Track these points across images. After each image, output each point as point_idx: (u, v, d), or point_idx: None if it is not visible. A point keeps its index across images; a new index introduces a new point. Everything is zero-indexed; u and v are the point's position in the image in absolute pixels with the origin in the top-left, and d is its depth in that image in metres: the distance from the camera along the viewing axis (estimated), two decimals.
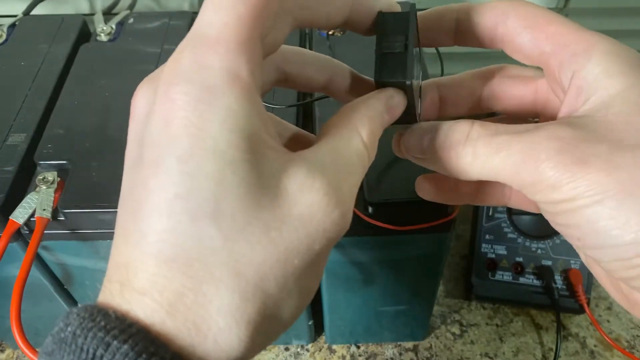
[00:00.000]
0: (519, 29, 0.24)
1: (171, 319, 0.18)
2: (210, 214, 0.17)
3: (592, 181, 0.19)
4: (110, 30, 0.49)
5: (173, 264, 0.18)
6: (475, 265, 0.55)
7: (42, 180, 0.37)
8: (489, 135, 0.22)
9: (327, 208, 0.19)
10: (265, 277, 0.18)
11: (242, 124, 0.18)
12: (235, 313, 0.18)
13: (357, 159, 0.21)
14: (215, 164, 0.17)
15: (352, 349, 0.54)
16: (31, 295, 0.37)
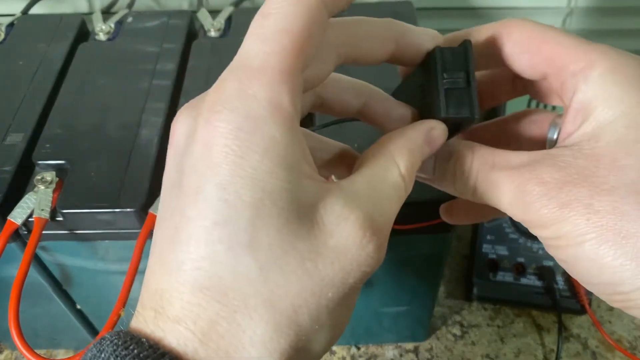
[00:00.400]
0: (515, 55, 0.24)
1: (204, 347, 0.18)
2: (247, 243, 0.18)
3: (574, 225, 0.20)
4: (109, 30, 0.49)
5: (208, 292, 0.18)
6: (476, 265, 0.55)
7: (41, 180, 0.37)
8: (487, 170, 0.23)
9: (362, 241, 0.19)
10: (300, 310, 0.18)
11: (283, 154, 0.18)
12: (268, 344, 0.18)
13: (394, 191, 0.21)
14: (254, 193, 0.17)
15: (353, 350, 0.54)
16: (29, 296, 0.37)
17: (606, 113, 0.21)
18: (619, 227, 0.20)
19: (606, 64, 0.22)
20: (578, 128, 0.22)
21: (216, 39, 0.48)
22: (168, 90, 0.43)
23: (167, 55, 0.46)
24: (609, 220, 0.20)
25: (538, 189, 0.21)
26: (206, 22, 0.49)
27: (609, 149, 0.21)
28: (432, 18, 0.61)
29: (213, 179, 0.18)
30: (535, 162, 0.22)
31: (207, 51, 0.46)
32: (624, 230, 0.19)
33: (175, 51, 0.46)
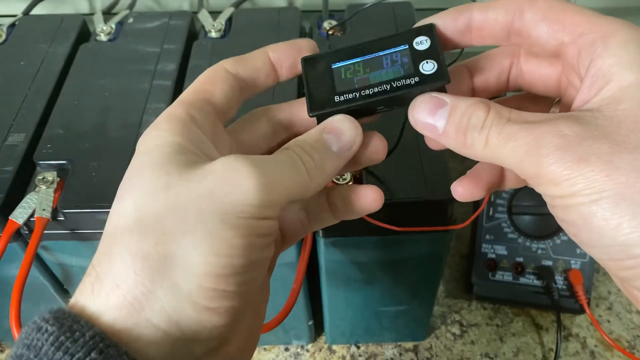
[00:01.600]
0: (535, 21, 0.24)
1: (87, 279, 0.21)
2: (128, 190, 0.22)
3: (590, 180, 0.20)
4: (110, 30, 0.49)
5: (102, 239, 0.22)
6: (476, 265, 0.55)
7: (42, 180, 0.37)
8: (502, 123, 0.23)
9: (228, 160, 0.22)
10: (162, 217, 0.21)
11: (166, 135, 0.23)
12: (132, 249, 0.21)
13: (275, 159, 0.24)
14: (138, 159, 0.23)
15: (352, 349, 0.54)
16: (31, 296, 0.37)
17: (628, 77, 0.21)
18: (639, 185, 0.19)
19: (626, 33, 0.22)
20: (597, 94, 0.22)
21: (217, 39, 0.48)
22: (169, 90, 0.43)
23: (168, 56, 0.46)
24: (629, 178, 0.19)
25: (556, 140, 0.21)
26: (207, 23, 0.49)
27: (631, 111, 0.20)
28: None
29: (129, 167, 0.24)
30: (555, 118, 0.22)
31: (208, 52, 0.46)
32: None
33: (175, 52, 0.47)
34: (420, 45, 0.26)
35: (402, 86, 0.26)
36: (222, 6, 0.53)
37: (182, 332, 0.21)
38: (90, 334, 0.19)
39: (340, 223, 0.38)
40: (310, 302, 0.48)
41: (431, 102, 0.25)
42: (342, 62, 0.27)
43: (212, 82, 0.26)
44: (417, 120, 0.25)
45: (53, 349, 0.19)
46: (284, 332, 0.52)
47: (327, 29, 0.48)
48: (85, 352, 0.19)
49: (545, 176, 0.21)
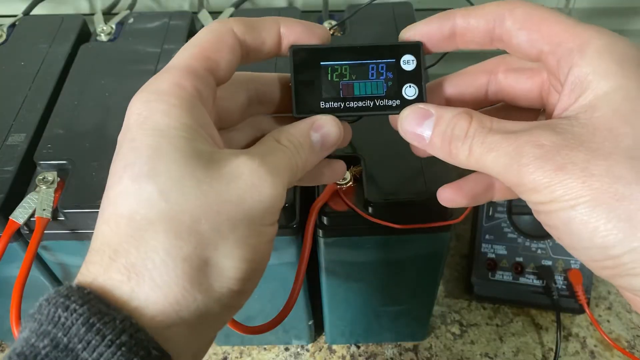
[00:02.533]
0: (515, 30, 0.25)
1: (113, 265, 0.20)
2: (147, 172, 0.21)
3: (568, 187, 0.21)
4: (110, 30, 0.49)
5: (121, 220, 0.21)
6: (476, 265, 0.55)
7: (42, 180, 0.37)
8: (484, 133, 0.24)
9: (253, 165, 0.23)
10: (199, 220, 0.21)
11: (180, 115, 0.22)
12: (170, 250, 0.21)
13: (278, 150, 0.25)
14: (154, 139, 0.22)
15: (352, 349, 0.54)
16: (31, 295, 0.37)
17: (603, 85, 0.22)
18: (614, 190, 0.20)
19: (602, 41, 0.22)
20: (575, 101, 0.23)
21: None
22: None
23: (168, 56, 0.46)
24: (603, 184, 0.20)
25: (535, 150, 0.22)
26: (207, 23, 0.49)
27: (606, 118, 0.21)
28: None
29: (126, 137, 0.22)
30: (533, 128, 0.23)
31: None
32: (619, 193, 0.20)
33: (176, 52, 0.46)
34: (407, 65, 0.27)
35: (384, 106, 0.28)
36: (222, 6, 0.53)
37: (205, 326, 0.22)
38: (120, 317, 0.19)
39: (340, 223, 0.38)
40: (310, 302, 0.48)
41: (418, 113, 0.26)
42: (330, 61, 0.28)
43: (219, 49, 0.25)
44: (406, 130, 0.27)
45: (84, 330, 0.19)
46: (284, 332, 0.52)
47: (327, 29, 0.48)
48: (116, 334, 0.19)
49: (526, 184, 0.22)
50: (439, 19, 0.26)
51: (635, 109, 0.21)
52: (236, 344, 0.54)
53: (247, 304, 0.25)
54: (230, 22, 0.26)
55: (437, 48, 0.27)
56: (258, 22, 0.27)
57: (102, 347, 0.19)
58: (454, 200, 0.29)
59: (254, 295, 0.40)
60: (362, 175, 0.38)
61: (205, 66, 0.25)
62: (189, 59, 0.24)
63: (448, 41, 0.27)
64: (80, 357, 0.19)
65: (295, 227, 0.38)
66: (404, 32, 0.28)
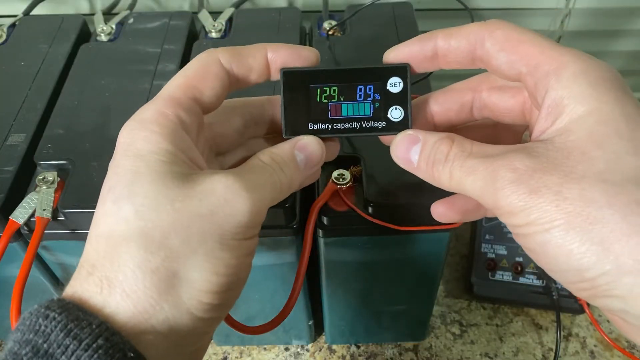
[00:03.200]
0: (494, 52, 0.25)
1: (90, 278, 0.22)
2: (126, 195, 0.23)
3: (542, 210, 0.21)
4: (110, 30, 0.49)
5: (100, 239, 0.23)
6: (475, 265, 0.55)
7: (42, 180, 0.37)
8: (464, 157, 0.24)
9: (227, 181, 0.24)
10: (168, 235, 0.22)
11: (158, 140, 0.24)
12: (141, 263, 0.22)
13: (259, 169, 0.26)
14: (133, 162, 0.23)
15: (352, 349, 0.54)
16: (31, 295, 0.37)
17: (578, 109, 0.22)
18: (586, 213, 0.20)
19: (577, 65, 0.23)
20: (551, 125, 0.23)
21: (217, 39, 0.48)
22: None
23: (168, 56, 0.46)
24: (576, 207, 0.20)
25: (509, 175, 0.22)
26: (207, 23, 0.49)
27: (579, 142, 0.22)
28: (431, 19, 0.61)
29: (112, 163, 0.24)
30: (509, 152, 0.23)
31: None
32: (591, 216, 0.20)
33: (176, 52, 0.47)
34: (394, 87, 0.28)
35: (369, 128, 0.28)
36: (222, 6, 0.53)
37: (178, 336, 0.23)
38: (96, 322, 0.21)
39: (340, 223, 0.38)
40: (310, 302, 0.48)
41: (408, 140, 0.27)
42: (319, 83, 0.28)
43: (203, 78, 0.26)
44: (397, 156, 0.28)
45: (62, 335, 0.20)
46: (284, 332, 0.52)
47: (327, 29, 0.48)
48: (92, 338, 0.20)
49: (502, 207, 0.22)
50: (421, 41, 0.27)
51: (608, 133, 0.21)
52: (236, 344, 0.54)
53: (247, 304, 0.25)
54: (216, 52, 0.27)
55: (420, 69, 0.28)
56: (244, 50, 0.28)
57: (80, 351, 0.20)
58: (447, 216, 0.30)
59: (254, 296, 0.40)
60: (362, 175, 0.38)
61: (189, 95, 0.26)
62: (174, 88, 0.26)
63: (430, 62, 0.27)
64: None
65: (295, 227, 0.38)
66: (387, 53, 0.28)
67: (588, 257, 0.20)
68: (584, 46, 0.67)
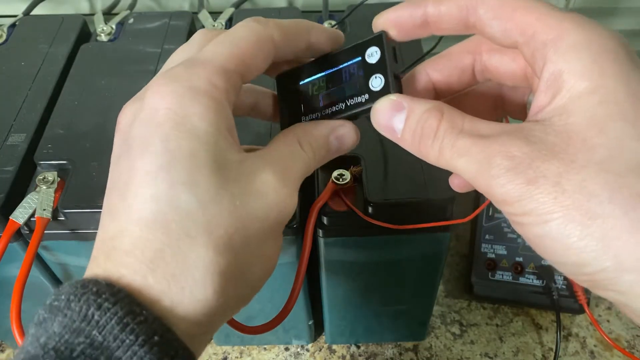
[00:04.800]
0: (488, 19, 0.23)
1: (152, 274, 0.21)
2: (186, 181, 0.21)
3: (539, 202, 0.20)
4: (111, 31, 0.49)
5: (153, 226, 0.21)
6: (475, 265, 0.55)
7: (42, 180, 0.37)
8: (454, 135, 0.23)
9: (277, 186, 0.24)
10: (233, 237, 0.22)
11: (215, 119, 0.22)
12: (209, 265, 0.21)
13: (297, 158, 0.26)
14: (192, 144, 0.22)
15: (352, 349, 0.54)
16: (31, 295, 0.37)
17: (579, 86, 0.20)
18: (586, 207, 0.19)
19: (579, 35, 0.21)
20: (550, 102, 0.21)
21: None
22: None
23: (168, 56, 0.46)
24: (575, 200, 0.19)
25: (505, 162, 0.21)
26: (207, 23, 0.49)
27: (580, 126, 0.20)
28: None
29: (158, 134, 0.22)
30: (505, 134, 0.21)
31: None
32: (591, 211, 0.19)
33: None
34: (371, 57, 0.27)
35: (354, 104, 0.27)
36: (222, 6, 0.53)
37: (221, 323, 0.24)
38: (151, 318, 0.20)
39: (340, 223, 0.38)
40: (310, 302, 0.48)
41: (390, 105, 0.25)
42: (308, 78, 0.29)
43: (256, 56, 0.25)
44: (378, 123, 0.26)
45: (118, 329, 0.19)
46: (284, 332, 0.52)
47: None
48: (149, 334, 0.20)
49: (497, 195, 0.21)
50: (411, 6, 0.25)
51: (611, 115, 0.20)
52: (236, 344, 0.54)
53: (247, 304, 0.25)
54: (270, 27, 0.26)
55: (410, 35, 0.26)
56: (292, 30, 0.27)
57: (136, 347, 0.19)
58: (465, 186, 0.29)
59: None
60: (362, 175, 0.38)
61: (239, 70, 0.24)
62: (226, 58, 0.24)
63: (420, 29, 0.26)
64: (114, 355, 0.19)
65: (295, 227, 0.38)
66: (376, 19, 0.27)
67: (587, 252, 0.20)
68: None
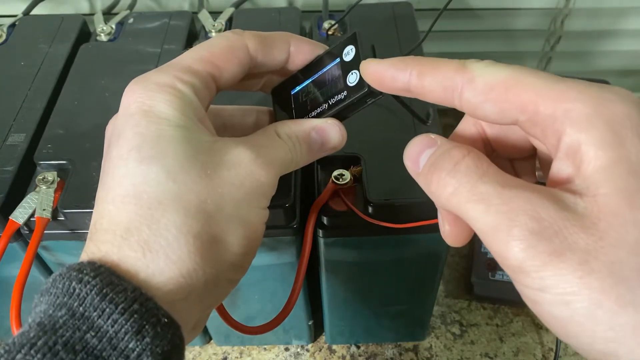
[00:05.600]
0: (478, 103, 0.21)
1: (126, 242, 0.22)
2: (154, 155, 0.22)
3: (562, 279, 0.18)
4: (110, 30, 0.49)
5: (126, 199, 0.22)
6: (475, 265, 0.55)
7: (42, 180, 0.37)
8: (476, 177, 0.21)
9: (252, 155, 0.25)
10: (205, 201, 0.23)
11: (182, 105, 0.24)
12: (182, 227, 0.22)
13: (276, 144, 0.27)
14: (159, 125, 0.23)
15: (352, 349, 0.54)
16: (31, 296, 0.36)
17: (601, 157, 0.19)
18: (616, 293, 0.17)
19: (588, 104, 0.19)
20: (577, 172, 0.20)
21: None
22: None
23: (168, 56, 0.46)
24: (604, 284, 0.17)
25: (531, 224, 0.18)
26: (207, 23, 0.49)
27: (610, 199, 0.18)
28: (431, 19, 0.61)
29: (129, 123, 0.23)
30: (532, 192, 0.19)
31: None
32: (621, 297, 0.17)
33: (176, 52, 0.47)
34: (348, 55, 0.28)
35: (335, 102, 0.28)
36: (222, 6, 0.53)
37: (211, 298, 0.24)
38: (130, 287, 0.21)
39: (340, 223, 0.38)
40: (310, 302, 0.48)
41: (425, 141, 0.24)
42: (298, 86, 0.29)
43: (227, 60, 0.26)
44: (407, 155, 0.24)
45: (98, 299, 0.20)
46: (284, 332, 0.52)
47: (327, 29, 0.48)
48: (128, 302, 0.20)
49: (512, 261, 0.19)
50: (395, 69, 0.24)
51: None
52: (236, 344, 0.54)
53: (247, 304, 0.26)
54: (246, 37, 0.27)
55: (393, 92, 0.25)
56: (270, 40, 0.28)
57: (116, 315, 0.20)
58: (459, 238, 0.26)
59: (254, 296, 0.40)
60: (362, 175, 0.38)
61: (208, 70, 0.26)
62: (193, 60, 0.26)
63: (403, 92, 0.24)
64: (95, 324, 0.20)
65: (295, 227, 0.38)
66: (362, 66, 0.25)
67: (617, 343, 0.18)
68: (584, 46, 0.67)
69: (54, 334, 0.20)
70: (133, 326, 0.20)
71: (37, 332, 0.20)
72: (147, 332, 0.20)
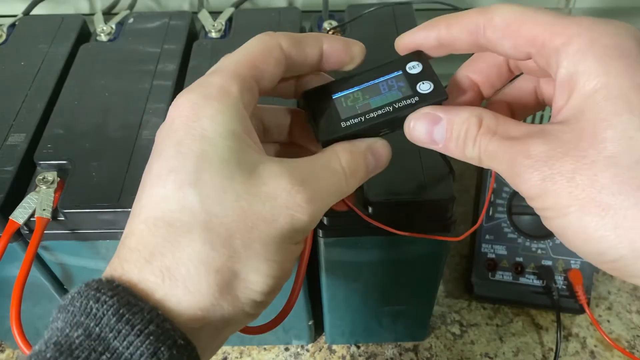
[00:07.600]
0: (497, 39, 0.25)
1: (149, 267, 0.22)
2: (192, 182, 0.22)
3: (557, 198, 0.22)
4: (110, 30, 0.49)
5: (158, 222, 0.22)
6: (476, 265, 0.55)
7: (42, 180, 0.37)
8: (487, 139, 0.24)
9: (291, 190, 0.23)
10: (234, 235, 0.22)
11: (227, 121, 0.23)
12: (205, 260, 0.22)
13: (332, 174, 0.26)
14: (202, 146, 0.23)
15: (352, 349, 0.54)
16: (31, 296, 0.37)
17: (587, 86, 0.22)
18: (599, 199, 0.21)
19: (583, 38, 0.22)
20: (566, 103, 0.23)
21: (217, 39, 0.48)
22: (169, 90, 0.43)
23: (168, 56, 0.46)
24: (589, 194, 0.21)
25: (526, 162, 0.22)
26: (207, 23, 0.49)
27: (590, 123, 0.21)
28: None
29: (172, 140, 0.23)
30: (528, 136, 0.23)
31: (208, 52, 0.46)
32: (603, 202, 0.21)
33: (176, 52, 0.47)
34: (413, 69, 0.28)
35: (403, 106, 0.27)
36: (222, 6, 0.53)
37: (227, 330, 0.24)
38: (147, 308, 0.21)
39: (340, 223, 0.38)
40: (310, 302, 0.48)
41: (427, 120, 0.27)
42: (341, 92, 0.28)
43: (265, 60, 0.26)
44: (419, 138, 0.27)
45: (115, 320, 0.20)
46: (284, 332, 0.52)
47: (327, 30, 0.48)
48: (144, 324, 0.20)
49: (523, 192, 0.23)
50: (425, 30, 0.27)
51: (617, 110, 0.21)
52: (236, 344, 0.54)
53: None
54: (278, 36, 0.27)
55: (432, 54, 0.28)
56: (303, 39, 0.27)
57: (132, 336, 0.20)
58: None
59: None
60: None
61: (252, 74, 0.25)
62: (238, 64, 0.25)
63: (438, 49, 0.27)
64: (111, 345, 0.20)
65: None
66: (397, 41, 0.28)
67: (603, 242, 0.21)
68: None
69: (70, 355, 0.20)
70: (149, 348, 0.20)
71: (54, 353, 0.20)
72: (162, 354, 0.20)
